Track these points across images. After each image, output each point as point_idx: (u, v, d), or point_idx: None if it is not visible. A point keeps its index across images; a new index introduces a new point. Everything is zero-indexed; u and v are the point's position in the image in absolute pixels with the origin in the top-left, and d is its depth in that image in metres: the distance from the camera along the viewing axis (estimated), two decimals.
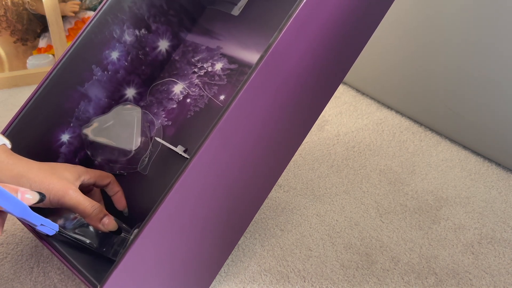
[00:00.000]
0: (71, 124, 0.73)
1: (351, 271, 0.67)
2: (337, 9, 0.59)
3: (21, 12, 1.62)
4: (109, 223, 0.59)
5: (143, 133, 0.73)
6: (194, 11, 0.86)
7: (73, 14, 1.65)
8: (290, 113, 0.63)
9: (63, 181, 0.57)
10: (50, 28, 1.38)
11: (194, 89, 0.80)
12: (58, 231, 0.52)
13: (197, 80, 0.80)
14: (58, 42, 1.40)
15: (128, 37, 0.79)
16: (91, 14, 1.75)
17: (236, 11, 0.83)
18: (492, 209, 0.78)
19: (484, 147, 0.90)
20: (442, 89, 0.93)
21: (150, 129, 0.79)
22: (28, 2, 1.58)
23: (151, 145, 0.77)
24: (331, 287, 0.64)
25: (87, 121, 0.75)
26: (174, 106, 0.81)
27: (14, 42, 1.72)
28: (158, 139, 0.76)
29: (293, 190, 0.84)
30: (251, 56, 0.77)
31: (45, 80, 0.69)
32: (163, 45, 0.84)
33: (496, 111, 0.84)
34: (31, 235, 0.74)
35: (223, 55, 0.81)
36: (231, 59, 0.80)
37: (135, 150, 0.70)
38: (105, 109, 0.77)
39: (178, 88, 0.81)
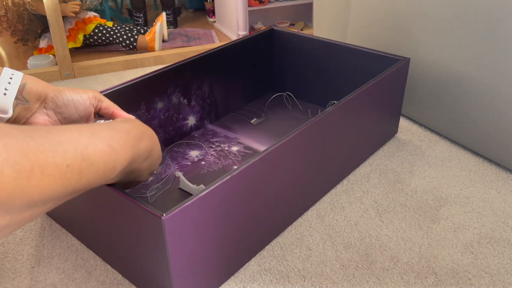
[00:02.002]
0: None
1: (350, 271, 0.67)
2: None
3: (22, 12, 1.62)
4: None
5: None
6: (220, 110, 1.04)
7: (73, 15, 1.65)
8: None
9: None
10: (50, 29, 1.38)
11: (209, 158, 0.91)
12: None
13: (213, 153, 0.92)
14: (59, 42, 1.40)
15: (175, 98, 0.91)
16: (91, 14, 1.75)
17: (255, 122, 1.03)
18: (491, 209, 0.79)
19: (483, 147, 0.90)
20: (442, 89, 0.93)
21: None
22: (28, 2, 1.58)
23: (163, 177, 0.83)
24: (331, 286, 0.65)
25: None
26: (188, 163, 0.89)
27: (15, 43, 1.72)
28: (178, 173, 0.82)
29: None
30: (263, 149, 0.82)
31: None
32: (191, 121, 0.97)
33: (495, 111, 0.84)
34: (31, 234, 0.74)
35: (240, 143, 0.95)
36: (247, 147, 0.94)
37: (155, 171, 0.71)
38: None
39: (194, 153, 0.92)
